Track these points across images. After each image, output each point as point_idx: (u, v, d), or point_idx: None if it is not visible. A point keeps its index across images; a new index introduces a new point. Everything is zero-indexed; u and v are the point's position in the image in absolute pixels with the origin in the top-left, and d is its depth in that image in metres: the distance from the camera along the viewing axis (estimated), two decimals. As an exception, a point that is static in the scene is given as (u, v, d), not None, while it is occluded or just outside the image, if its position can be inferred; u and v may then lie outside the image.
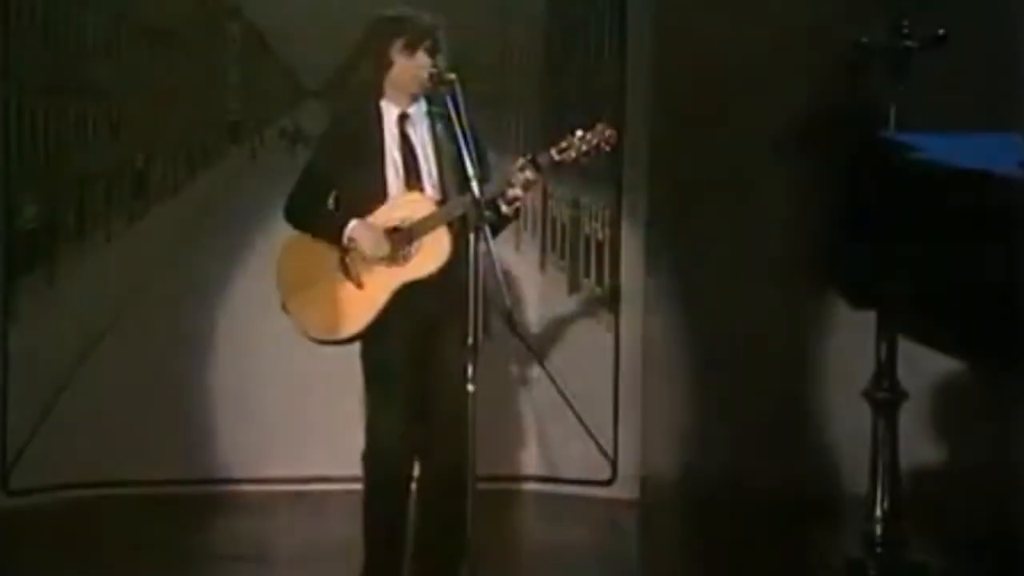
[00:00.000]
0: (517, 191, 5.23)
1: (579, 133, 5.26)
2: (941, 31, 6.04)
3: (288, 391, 7.38)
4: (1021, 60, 7.44)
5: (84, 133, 7.48)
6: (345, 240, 5.29)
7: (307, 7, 7.49)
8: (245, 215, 7.35)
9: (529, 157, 5.28)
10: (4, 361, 7.18)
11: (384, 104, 5.40)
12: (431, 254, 5.25)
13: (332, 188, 5.43)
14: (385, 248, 5.26)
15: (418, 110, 5.39)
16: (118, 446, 7.29)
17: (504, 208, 5.27)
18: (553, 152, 5.27)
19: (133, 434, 7.32)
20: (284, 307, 5.42)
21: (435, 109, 5.36)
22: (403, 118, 5.38)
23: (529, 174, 5.24)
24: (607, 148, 5.30)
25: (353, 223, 5.29)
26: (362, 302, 5.29)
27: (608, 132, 5.28)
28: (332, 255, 5.34)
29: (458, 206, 5.19)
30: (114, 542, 6.63)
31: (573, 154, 5.26)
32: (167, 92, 7.63)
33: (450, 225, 5.25)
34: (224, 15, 7.73)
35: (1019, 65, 7.43)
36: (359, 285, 5.30)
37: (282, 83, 7.75)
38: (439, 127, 5.34)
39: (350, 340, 5.34)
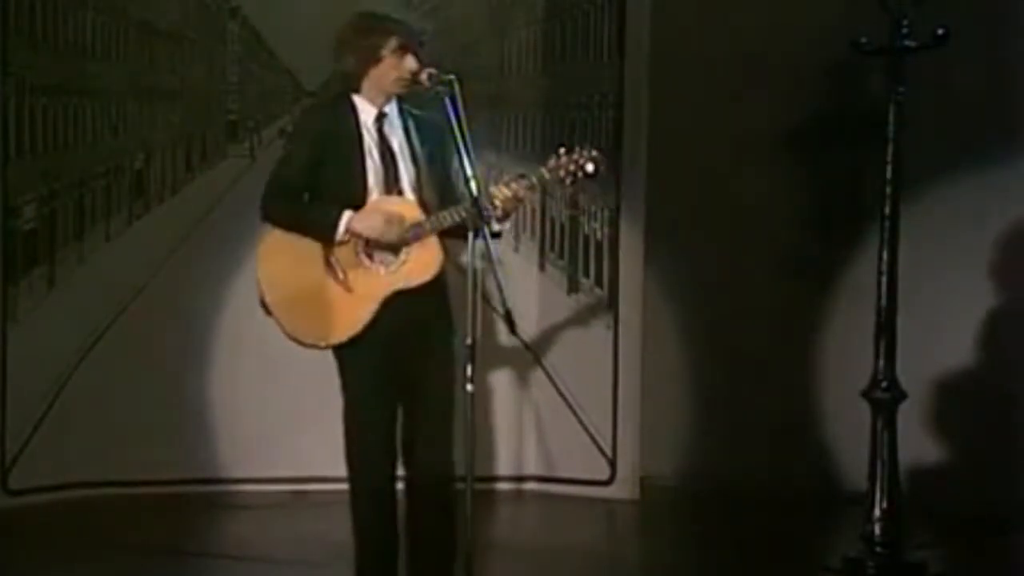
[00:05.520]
0: (501, 207, 5.08)
1: (566, 153, 5.15)
2: (941, 31, 6.04)
3: (288, 391, 7.38)
4: (1020, 59, 7.45)
5: (84, 133, 7.48)
6: (341, 233, 5.13)
7: (307, 7, 7.49)
8: (245, 215, 7.33)
9: (519, 174, 5.21)
10: (4, 361, 7.19)
11: (359, 101, 5.25)
12: (424, 263, 5.15)
13: (307, 186, 5.24)
14: (395, 230, 5.12)
15: (393, 109, 5.27)
16: (118, 446, 7.30)
17: (495, 226, 5.13)
18: (543, 171, 5.17)
19: (133, 434, 7.32)
20: (264, 307, 5.23)
21: (408, 108, 5.27)
22: (381, 117, 5.24)
23: (518, 190, 5.13)
24: (592, 169, 5.17)
25: (348, 213, 5.12)
26: (352, 308, 5.16)
27: (595, 152, 5.17)
28: (316, 256, 5.18)
29: (447, 218, 5.10)
30: (114, 542, 6.63)
31: (562, 173, 5.15)
32: (167, 92, 7.64)
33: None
34: (224, 15, 7.73)
35: (1019, 66, 7.44)
36: (348, 289, 5.16)
37: (281, 83, 7.75)
38: (412, 127, 5.24)
39: (338, 346, 5.20)
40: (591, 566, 6.58)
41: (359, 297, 5.17)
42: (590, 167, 5.19)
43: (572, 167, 5.17)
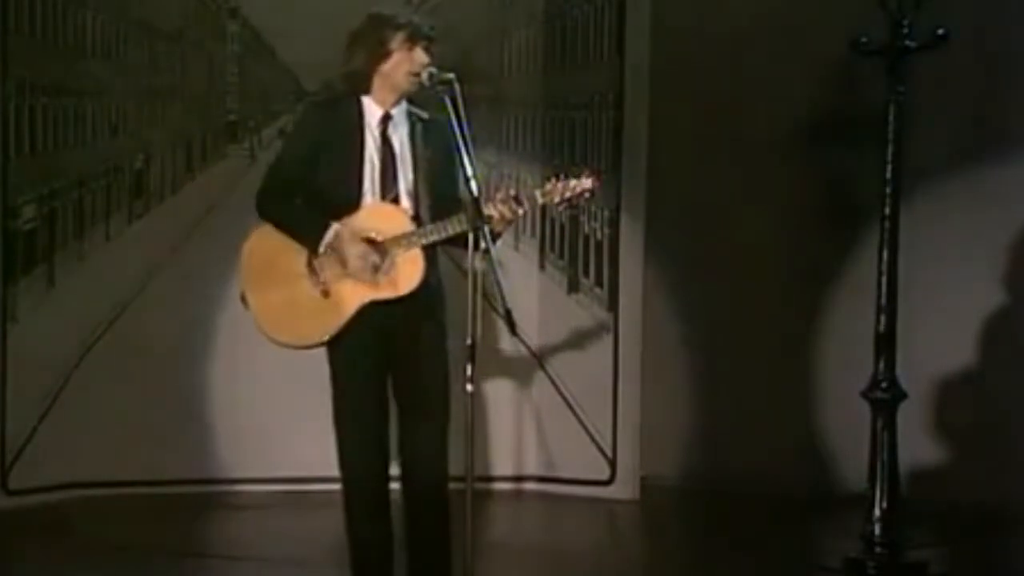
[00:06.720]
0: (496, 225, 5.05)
1: (565, 180, 5.15)
2: (941, 31, 6.04)
3: (288, 391, 7.37)
4: (1019, 60, 7.45)
5: (84, 133, 7.48)
6: (323, 248, 5.13)
7: (307, 7, 7.49)
8: (245, 215, 7.33)
9: (512, 193, 5.17)
10: (4, 361, 7.19)
11: (367, 101, 5.23)
12: (405, 276, 5.12)
13: (303, 183, 5.23)
14: (369, 267, 5.10)
15: (400, 112, 5.25)
16: (118, 446, 7.30)
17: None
18: (537, 193, 5.16)
19: (133, 434, 7.32)
20: (243, 299, 5.26)
21: (416, 112, 5.25)
22: (386, 119, 5.22)
23: (506, 209, 5.08)
24: (589, 196, 5.20)
25: (335, 228, 5.12)
26: (326, 312, 5.15)
27: (594, 181, 5.17)
28: (301, 254, 5.18)
29: (435, 231, 5.10)
30: (114, 542, 6.63)
31: (557, 199, 5.16)
32: (167, 92, 7.64)
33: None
34: (224, 15, 7.73)
35: (1017, 65, 7.45)
36: (325, 293, 5.16)
37: (282, 83, 7.75)
38: (418, 131, 5.22)
39: (307, 347, 5.23)
40: (591, 566, 6.58)
41: (334, 304, 5.16)
42: (587, 195, 5.19)
43: (568, 193, 5.17)
